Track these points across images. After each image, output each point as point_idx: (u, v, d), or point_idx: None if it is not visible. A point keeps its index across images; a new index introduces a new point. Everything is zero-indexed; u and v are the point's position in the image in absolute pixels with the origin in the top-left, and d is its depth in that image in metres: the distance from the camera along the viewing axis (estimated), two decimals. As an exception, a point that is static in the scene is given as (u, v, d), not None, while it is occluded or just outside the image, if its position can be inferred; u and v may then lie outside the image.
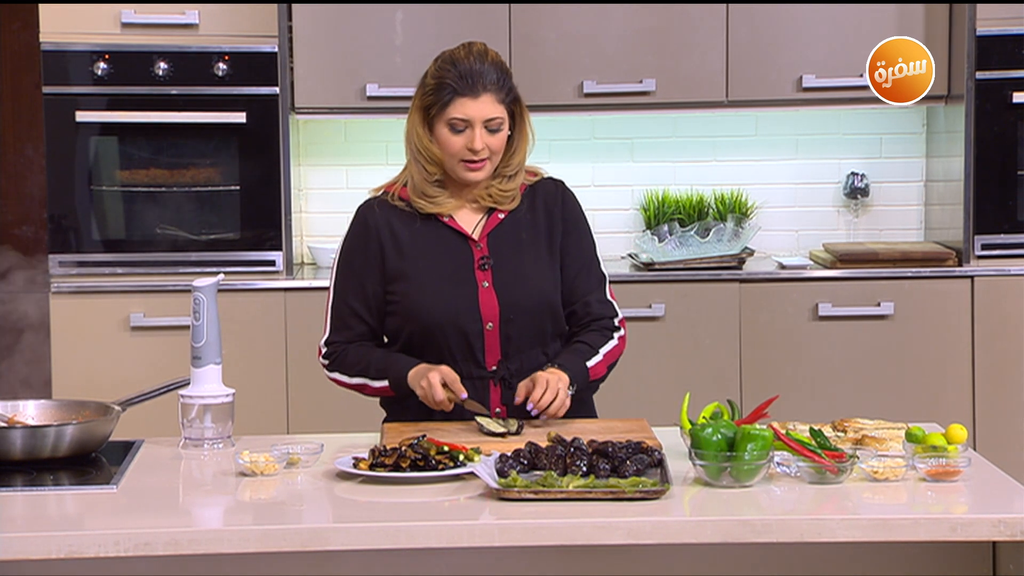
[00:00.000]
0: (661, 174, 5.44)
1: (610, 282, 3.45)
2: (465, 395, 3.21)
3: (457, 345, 3.30)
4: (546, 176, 3.44)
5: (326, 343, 3.40)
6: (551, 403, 3.16)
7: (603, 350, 3.34)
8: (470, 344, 3.30)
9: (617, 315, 3.40)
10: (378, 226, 3.34)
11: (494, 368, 3.31)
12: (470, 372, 3.31)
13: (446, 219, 3.34)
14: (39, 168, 5.02)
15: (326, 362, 3.40)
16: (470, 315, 3.29)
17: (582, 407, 3.38)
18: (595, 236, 3.46)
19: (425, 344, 3.31)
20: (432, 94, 3.28)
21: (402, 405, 3.35)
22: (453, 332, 3.30)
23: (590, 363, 3.30)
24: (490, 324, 3.30)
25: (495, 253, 3.33)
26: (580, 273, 3.38)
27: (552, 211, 3.37)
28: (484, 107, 3.25)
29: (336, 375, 3.39)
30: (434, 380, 3.19)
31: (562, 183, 3.44)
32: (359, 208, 3.39)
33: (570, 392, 3.23)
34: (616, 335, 3.38)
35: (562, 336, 3.39)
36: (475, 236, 3.33)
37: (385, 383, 3.31)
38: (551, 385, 3.17)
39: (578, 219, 3.41)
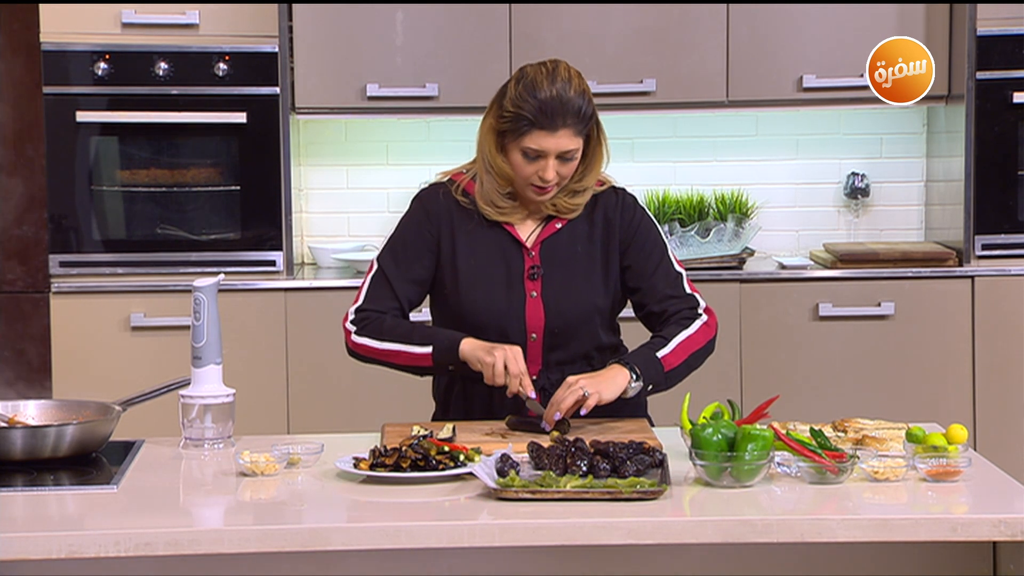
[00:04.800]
0: (661, 174, 5.44)
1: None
2: (533, 394, 3.17)
3: None
4: (612, 185, 3.37)
5: (357, 310, 3.32)
6: (564, 402, 3.10)
7: (677, 339, 3.23)
8: None
9: (699, 304, 3.31)
10: (439, 215, 3.32)
11: (534, 378, 3.29)
12: None
13: (506, 223, 3.32)
14: (39, 168, 5.01)
15: (354, 328, 3.30)
16: (516, 324, 3.28)
17: (638, 409, 3.34)
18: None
19: None
20: (509, 122, 3.21)
21: (465, 396, 3.32)
22: (497, 338, 3.26)
23: (661, 353, 3.22)
24: (534, 335, 3.28)
25: (546, 263, 3.30)
26: (654, 276, 3.31)
27: (611, 223, 3.32)
28: (560, 141, 3.20)
29: (364, 340, 3.29)
30: (512, 357, 3.14)
31: (623, 191, 3.37)
32: (423, 191, 3.36)
33: (641, 386, 3.16)
34: (698, 321, 3.27)
35: (612, 349, 3.35)
36: (528, 244, 3.30)
37: (427, 349, 3.23)
38: (564, 394, 3.10)
39: (639, 224, 3.33)
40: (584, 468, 2.75)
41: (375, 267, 3.34)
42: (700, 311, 3.31)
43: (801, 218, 5.47)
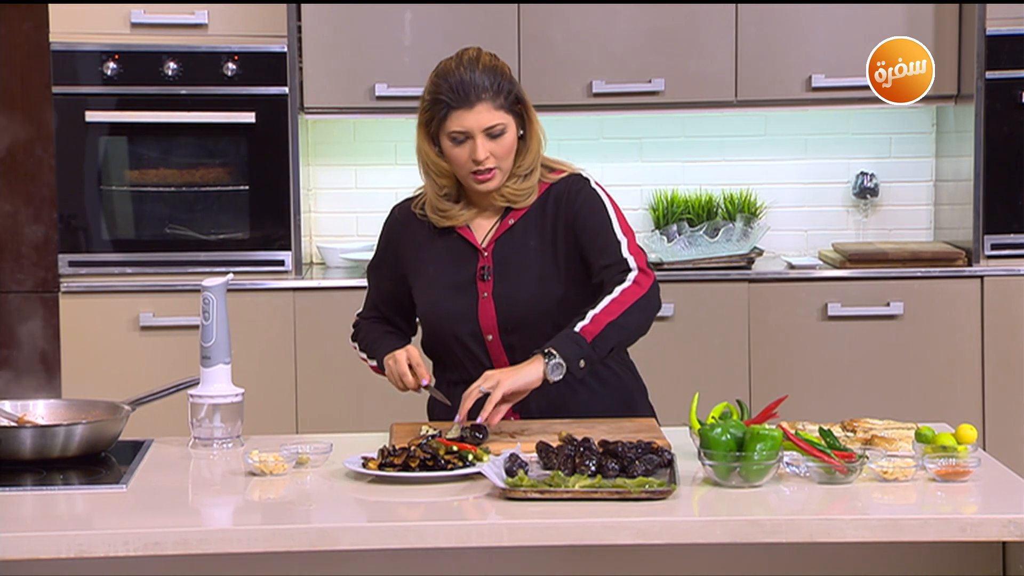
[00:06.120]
0: (670, 174, 5.44)
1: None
2: (426, 381, 3.24)
3: (463, 353, 3.31)
4: (572, 172, 3.35)
5: (358, 314, 3.51)
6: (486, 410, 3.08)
7: (597, 307, 3.15)
8: (474, 353, 3.30)
9: (630, 268, 3.21)
10: (398, 232, 3.40)
11: None
12: None
13: (459, 227, 3.33)
14: (49, 168, 5.02)
15: (352, 331, 3.50)
16: (469, 327, 3.29)
17: (630, 408, 3.36)
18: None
19: (439, 349, 3.34)
20: (429, 109, 3.27)
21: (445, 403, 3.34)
22: (455, 342, 3.31)
23: (579, 326, 3.13)
24: (490, 336, 3.29)
25: (498, 262, 3.30)
26: (593, 247, 3.25)
27: (559, 208, 3.30)
28: (480, 116, 3.21)
29: (354, 345, 3.49)
30: (400, 358, 3.24)
31: (576, 177, 3.33)
32: (389, 211, 3.45)
33: (562, 364, 3.08)
34: (622, 284, 3.18)
35: None
36: (482, 245, 3.31)
37: (375, 363, 3.39)
38: (471, 396, 3.09)
39: (581, 203, 3.28)
40: (592, 468, 2.75)
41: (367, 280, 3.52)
42: (630, 271, 3.21)
43: (810, 218, 5.46)
